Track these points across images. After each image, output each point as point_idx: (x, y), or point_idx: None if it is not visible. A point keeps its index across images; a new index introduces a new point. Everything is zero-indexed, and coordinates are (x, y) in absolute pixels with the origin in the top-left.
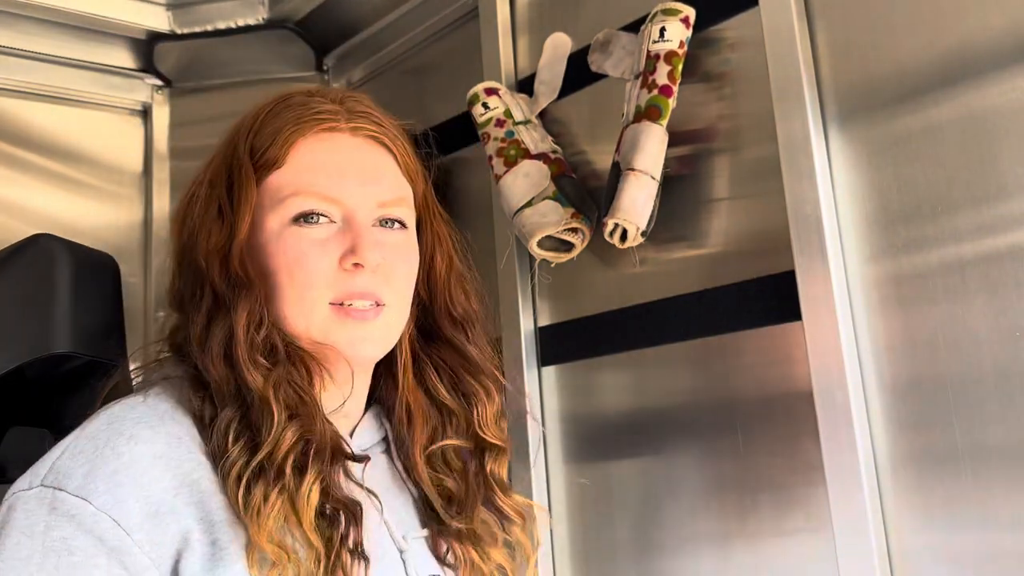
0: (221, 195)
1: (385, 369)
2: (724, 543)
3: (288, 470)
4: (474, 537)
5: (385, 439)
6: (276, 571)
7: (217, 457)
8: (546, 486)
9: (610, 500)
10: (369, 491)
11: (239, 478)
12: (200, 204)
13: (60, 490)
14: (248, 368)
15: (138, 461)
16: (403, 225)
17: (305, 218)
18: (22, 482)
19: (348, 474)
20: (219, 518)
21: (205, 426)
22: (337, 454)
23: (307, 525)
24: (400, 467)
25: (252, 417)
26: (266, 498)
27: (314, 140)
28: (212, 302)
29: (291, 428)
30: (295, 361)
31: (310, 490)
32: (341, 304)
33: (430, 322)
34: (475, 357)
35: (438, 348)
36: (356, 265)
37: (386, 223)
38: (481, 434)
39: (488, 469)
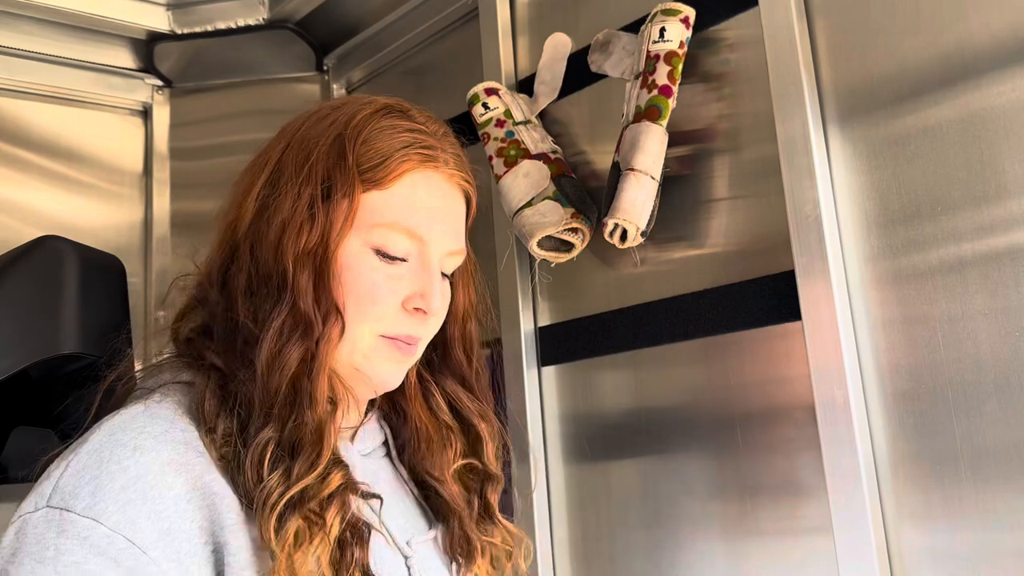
0: (315, 193)
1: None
2: (724, 543)
3: (326, 509)
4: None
5: (385, 442)
6: None
7: (235, 470)
8: (546, 486)
9: (610, 500)
10: (374, 495)
11: (273, 507)
12: (286, 192)
13: (68, 511)
14: (317, 401)
15: (146, 474)
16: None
17: (388, 255)
18: (28, 504)
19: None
20: (229, 522)
21: (214, 434)
22: (354, 488)
23: (326, 559)
24: (403, 470)
25: (293, 445)
26: (301, 534)
27: (419, 175)
28: (291, 314)
29: (339, 471)
30: (339, 396)
31: (333, 524)
32: (390, 337)
33: (438, 351)
34: (477, 386)
35: (442, 374)
36: (418, 310)
37: (443, 273)
38: (484, 463)
39: (487, 497)
